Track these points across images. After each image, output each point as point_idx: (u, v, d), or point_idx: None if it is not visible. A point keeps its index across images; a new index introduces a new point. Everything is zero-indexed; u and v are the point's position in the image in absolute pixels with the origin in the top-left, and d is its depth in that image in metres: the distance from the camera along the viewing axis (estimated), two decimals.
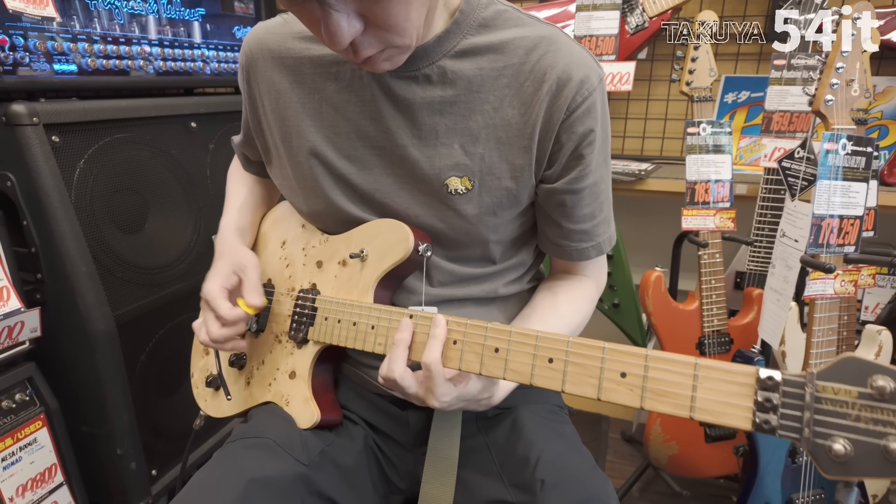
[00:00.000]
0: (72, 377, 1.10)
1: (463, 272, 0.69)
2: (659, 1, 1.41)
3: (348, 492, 0.66)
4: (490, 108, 0.62)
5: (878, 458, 0.37)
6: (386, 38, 0.52)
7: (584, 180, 0.64)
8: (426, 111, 0.62)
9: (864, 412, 0.38)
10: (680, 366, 0.45)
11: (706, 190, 1.19)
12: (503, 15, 0.63)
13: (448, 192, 0.63)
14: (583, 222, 0.67)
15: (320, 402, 0.66)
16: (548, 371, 0.50)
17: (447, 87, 0.62)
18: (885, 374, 0.37)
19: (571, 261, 0.71)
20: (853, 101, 0.89)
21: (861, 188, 0.90)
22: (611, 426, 1.72)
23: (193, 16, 1.37)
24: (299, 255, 0.73)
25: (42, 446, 1.03)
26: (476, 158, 0.63)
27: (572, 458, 0.67)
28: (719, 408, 0.43)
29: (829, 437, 0.39)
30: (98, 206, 1.09)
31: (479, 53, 0.61)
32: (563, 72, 0.60)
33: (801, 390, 0.40)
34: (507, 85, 0.61)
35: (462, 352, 0.55)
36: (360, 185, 0.66)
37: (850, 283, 0.93)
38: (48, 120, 1.00)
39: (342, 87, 0.64)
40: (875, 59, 1.40)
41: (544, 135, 0.62)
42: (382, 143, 0.64)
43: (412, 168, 0.64)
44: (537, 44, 0.61)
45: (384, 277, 0.64)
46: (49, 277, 1.04)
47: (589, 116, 0.61)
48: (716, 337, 1.24)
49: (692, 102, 1.20)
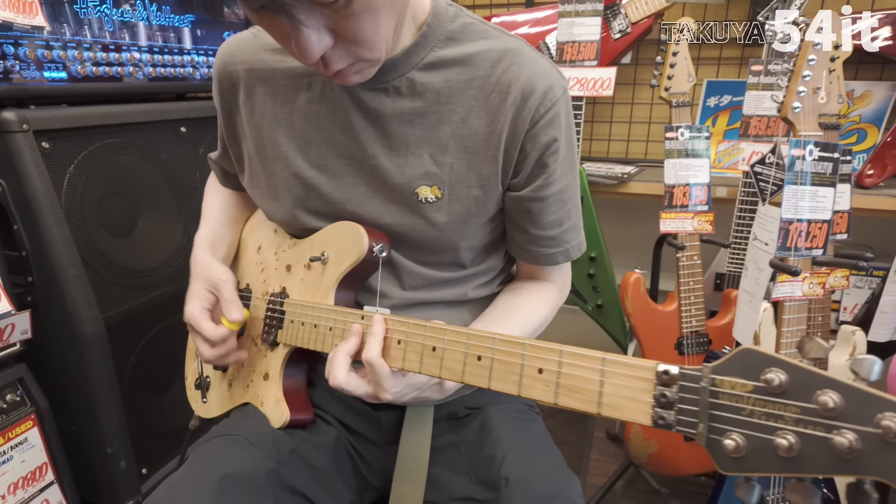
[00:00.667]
0: (62, 378, 1.12)
1: (433, 276, 0.71)
2: (641, 7, 1.43)
3: (320, 488, 0.68)
4: (458, 118, 0.64)
5: (769, 454, 0.36)
6: (356, 52, 0.53)
7: (549, 188, 0.66)
8: (396, 122, 0.64)
9: (758, 406, 0.37)
10: (590, 361, 0.45)
11: (684, 193, 1.22)
12: (470, 28, 0.65)
13: (418, 201, 0.66)
14: (550, 228, 0.69)
15: (291, 402, 0.68)
16: (476, 368, 0.51)
17: (416, 99, 0.64)
18: (777, 366, 0.36)
19: (539, 265, 0.73)
20: (820, 108, 0.91)
21: (829, 193, 0.92)
22: (596, 425, 1.75)
23: (183, 22, 1.40)
24: (272, 260, 0.76)
25: (33, 445, 1.06)
26: (445, 168, 0.65)
27: (538, 456, 0.70)
28: (623, 403, 0.43)
29: (723, 433, 0.38)
30: (88, 210, 1.12)
31: (447, 66, 0.64)
32: (526, 83, 0.62)
33: (697, 384, 0.39)
34: (473, 96, 0.64)
35: (405, 351, 0.56)
36: (331, 194, 0.68)
37: (819, 285, 0.95)
38: (38, 126, 1.02)
39: (313, 97, 0.66)
40: (853, 63, 1.43)
41: (510, 145, 0.64)
42: (354, 152, 0.66)
43: (383, 177, 0.66)
44: (502, 56, 0.63)
45: (344, 279, 0.66)
46: (39, 280, 1.07)
47: (552, 126, 0.63)
48: (694, 337, 1.26)
49: (670, 107, 1.22)
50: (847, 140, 1.47)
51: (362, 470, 0.75)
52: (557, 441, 1.80)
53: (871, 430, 0.33)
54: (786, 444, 0.35)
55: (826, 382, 0.35)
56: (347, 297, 0.68)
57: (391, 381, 0.57)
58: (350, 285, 0.68)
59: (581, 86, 1.37)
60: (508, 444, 0.69)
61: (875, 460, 0.33)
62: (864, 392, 0.34)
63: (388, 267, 0.71)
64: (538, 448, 0.72)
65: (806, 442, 0.35)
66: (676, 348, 1.27)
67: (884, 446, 0.33)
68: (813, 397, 0.35)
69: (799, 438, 0.35)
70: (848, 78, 1.44)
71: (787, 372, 0.36)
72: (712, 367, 0.39)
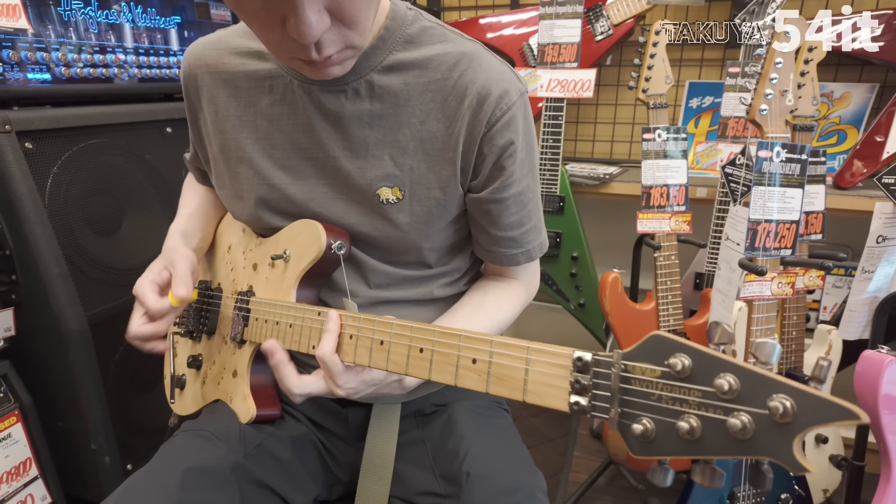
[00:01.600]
0: (47, 375, 1.14)
1: (398, 274, 0.72)
2: (623, 9, 1.45)
3: (287, 482, 0.70)
4: (417, 121, 0.65)
5: (674, 437, 0.37)
6: (347, 37, 0.54)
7: (507, 190, 0.67)
8: (356, 124, 0.66)
9: (665, 391, 0.38)
10: (516, 350, 0.46)
11: (661, 194, 1.23)
12: (428, 31, 0.66)
13: (380, 202, 0.67)
14: (510, 230, 0.70)
15: (258, 398, 0.70)
16: (419, 361, 0.53)
17: (375, 101, 0.65)
18: (682, 351, 0.37)
19: (502, 266, 0.75)
20: (788, 110, 0.93)
21: (797, 194, 0.94)
22: (580, 423, 1.76)
23: (169, 24, 1.41)
24: (240, 259, 0.77)
25: (17, 441, 1.08)
26: (405, 169, 0.66)
27: (502, 451, 0.71)
28: (544, 390, 0.44)
29: (634, 418, 0.39)
30: (72, 209, 1.13)
31: (405, 69, 0.65)
32: (482, 87, 0.63)
33: (609, 370, 0.40)
34: (431, 99, 0.65)
35: (356, 346, 0.58)
36: (295, 194, 0.69)
37: (788, 284, 0.97)
38: (21, 127, 1.04)
39: (275, 100, 0.68)
40: (832, 65, 1.44)
41: (467, 147, 0.65)
42: (316, 154, 0.68)
43: (345, 178, 0.67)
44: (459, 60, 0.65)
45: (304, 276, 0.68)
46: (23, 279, 1.08)
47: (509, 129, 0.65)
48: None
49: (648, 109, 1.23)
50: (827, 141, 1.48)
51: (330, 465, 0.77)
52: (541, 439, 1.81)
53: (762, 412, 0.34)
54: (687, 427, 0.36)
55: (726, 366, 0.36)
56: (310, 295, 0.70)
57: (344, 377, 0.59)
58: (311, 283, 0.70)
59: (561, 87, 1.38)
60: (472, 439, 0.71)
61: (766, 440, 0.34)
62: (760, 375, 0.35)
63: (354, 265, 0.72)
64: (502, 443, 0.73)
65: (707, 424, 0.36)
66: None
67: (773, 426, 0.34)
68: (713, 381, 0.36)
69: (700, 421, 0.36)
70: (827, 80, 1.45)
71: (691, 356, 0.37)
72: (623, 353, 0.40)
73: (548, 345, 0.45)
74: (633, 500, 1.42)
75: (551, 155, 1.43)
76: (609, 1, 1.46)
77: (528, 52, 1.55)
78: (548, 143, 1.42)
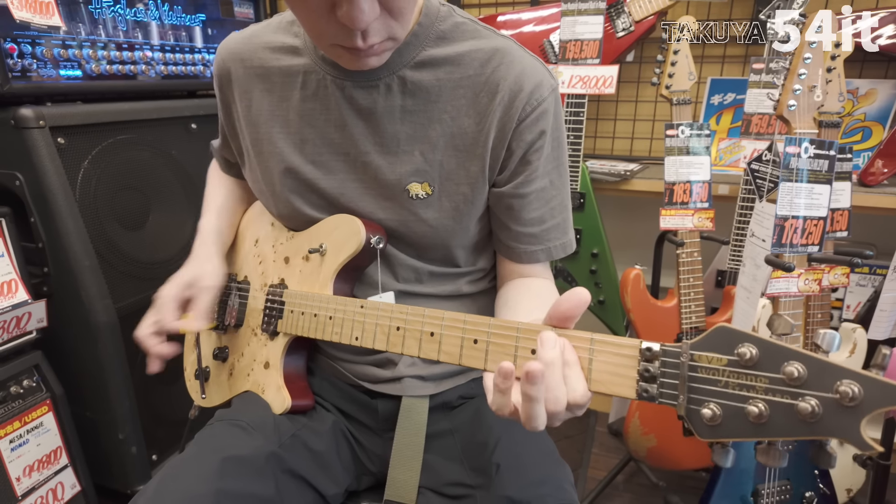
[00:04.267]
0: (76, 365, 1.17)
1: (426, 269, 0.73)
2: (645, 5, 1.44)
3: (319, 472, 0.71)
4: (448, 117, 0.66)
5: (742, 421, 0.39)
6: (391, 27, 0.56)
7: (530, 185, 0.68)
8: (388, 120, 0.67)
9: (732, 378, 0.40)
10: (579, 341, 0.47)
11: (685, 190, 1.23)
12: (461, 27, 0.67)
13: (409, 197, 0.68)
14: (531, 226, 0.70)
15: (292, 390, 0.71)
16: (473, 351, 0.54)
17: (407, 97, 0.66)
18: (749, 341, 0.39)
19: (521, 263, 0.73)
20: (816, 106, 0.92)
21: (824, 190, 0.93)
22: (598, 420, 1.76)
23: (195, 21, 1.43)
24: (270, 253, 0.78)
25: (48, 430, 1.10)
26: (435, 165, 0.67)
27: (530, 444, 0.72)
28: (610, 378, 0.46)
29: (702, 403, 0.41)
30: (101, 203, 1.16)
31: (438, 65, 0.66)
32: (514, 83, 0.64)
33: (678, 360, 0.42)
34: (463, 95, 0.66)
35: (404, 337, 0.59)
36: (326, 189, 0.70)
37: (815, 281, 0.96)
38: (54, 123, 1.06)
39: (308, 95, 0.69)
40: (858, 61, 1.42)
41: (497, 143, 0.66)
42: (347, 149, 0.69)
43: (375, 173, 0.68)
44: (492, 56, 0.65)
45: (342, 270, 0.69)
46: (55, 271, 1.11)
47: (538, 124, 0.65)
48: (694, 334, 1.27)
49: (671, 105, 1.23)
50: (852, 138, 1.47)
51: (360, 456, 0.77)
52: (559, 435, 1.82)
53: (830, 396, 0.37)
54: (756, 411, 0.38)
55: (792, 355, 0.38)
56: (345, 288, 0.71)
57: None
58: (348, 276, 0.71)
59: (583, 83, 1.38)
60: (500, 431, 0.71)
61: (834, 422, 0.37)
62: (825, 363, 0.37)
63: (384, 259, 0.73)
64: (530, 436, 0.74)
65: (774, 408, 0.38)
66: None
67: (841, 409, 0.36)
68: (780, 368, 0.38)
69: (768, 405, 0.39)
70: (853, 76, 1.44)
71: (758, 346, 0.39)
72: (691, 344, 0.42)
73: (612, 336, 0.47)
74: (653, 497, 1.42)
75: (572, 151, 1.43)
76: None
77: (549, 48, 1.55)
78: (568, 139, 1.42)
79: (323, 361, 0.79)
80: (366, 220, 0.69)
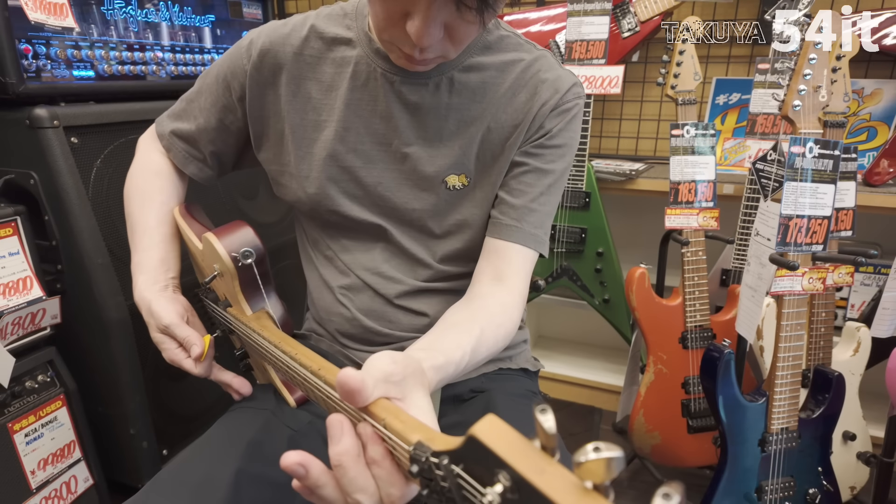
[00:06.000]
0: (88, 361, 1.18)
1: (446, 271, 0.77)
2: (650, 6, 1.45)
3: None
4: (489, 115, 0.71)
5: None
6: (447, 49, 0.61)
7: (532, 160, 0.72)
8: (433, 115, 0.71)
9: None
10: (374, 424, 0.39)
11: (690, 190, 1.24)
12: (505, 40, 0.73)
13: (447, 188, 0.73)
14: (515, 196, 0.72)
15: (290, 386, 0.73)
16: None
17: (454, 96, 0.71)
18: (504, 469, 0.28)
19: (493, 236, 0.73)
20: (821, 107, 0.93)
21: (829, 190, 0.94)
22: (603, 418, 1.77)
23: (204, 22, 1.45)
24: (202, 267, 0.76)
25: (62, 424, 1.12)
26: (472, 158, 0.72)
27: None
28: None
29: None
30: (113, 202, 1.17)
31: (483, 69, 0.71)
32: (551, 84, 0.71)
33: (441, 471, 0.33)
34: (504, 95, 0.71)
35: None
36: (365, 178, 0.73)
37: (819, 280, 0.97)
38: (68, 122, 1.08)
39: (357, 86, 0.71)
40: (863, 62, 1.43)
41: (528, 129, 0.71)
42: (390, 139, 0.72)
43: (415, 164, 0.72)
44: (531, 64, 0.72)
45: (243, 289, 0.66)
46: (68, 268, 1.13)
47: (563, 118, 0.71)
48: (698, 332, 1.29)
49: (676, 105, 1.24)
50: (857, 138, 1.48)
51: None
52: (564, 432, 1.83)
53: None
54: None
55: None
56: (262, 301, 0.68)
57: None
58: (253, 291, 0.67)
59: (589, 83, 1.39)
60: (510, 424, 0.73)
61: None
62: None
63: (403, 256, 0.77)
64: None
65: None
66: (680, 342, 1.30)
67: None
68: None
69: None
70: (858, 76, 1.44)
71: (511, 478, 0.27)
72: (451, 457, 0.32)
73: (401, 418, 0.39)
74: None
75: (577, 152, 1.44)
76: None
77: (555, 48, 1.56)
78: None
79: (334, 350, 0.81)
80: (232, 230, 0.65)
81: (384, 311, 0.78)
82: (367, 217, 0.75)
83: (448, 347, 0.56)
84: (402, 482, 0.40)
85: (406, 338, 0.78)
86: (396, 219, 0.76)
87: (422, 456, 0.34)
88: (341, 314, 0.79)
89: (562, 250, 1.54)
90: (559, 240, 1.52)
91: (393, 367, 0.43)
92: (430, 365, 0.50)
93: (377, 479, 0.40)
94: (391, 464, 0.40)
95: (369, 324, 0.78)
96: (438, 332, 0.61)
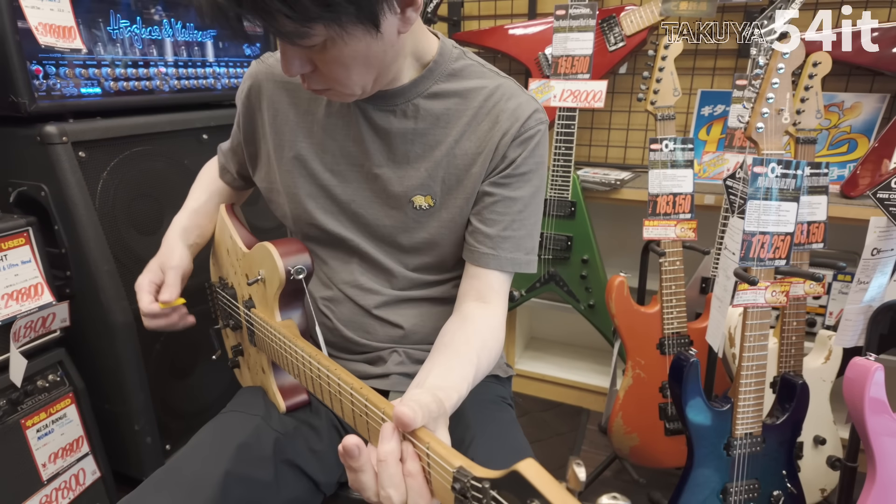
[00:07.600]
0: (96, 361, 1.26)
1: (419, 280, 0.83)
2: (636, 21, 1.49)
3: (315, 462, 0.79)
4: (452, 140, 0.76)
5: None
6: (330, 83, 0.66)
7: (502, 190, 0.76)
8: (400, 140, 0.76)
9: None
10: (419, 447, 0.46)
11: (667, 202, 1.28)
12: (469, 68, 0.78)
13: (413, 208, 0.78)
14: (489, 226, 0.77)
15: (286, 392, 0.79)
16: (337, 403, 0.59)
17: (419, 121, 0.76)
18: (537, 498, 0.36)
19: (473, 263, 0.78)
20: (783, 129, 0.97)
21: (791, 207, 0.98)
22: (590, 418, 1.83)
23: (206, 37, 1.51)
24: (235, 265, 0.86)
25: (71, 420, 1.20)
26: (438, 181, 0.77)
27: (503, 442, 0.79)
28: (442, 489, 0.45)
29: None
30: (119, 211, 1.24)
31: (447, 97, 0.76)
32: (512, 113, 0.75)
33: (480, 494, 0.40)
34: (467, 123, 0.76)
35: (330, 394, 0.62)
36: (340, 195, 0.80)
37: (782, 293, 1.02)
38: (76, 138, 1.15)
39: (332, 112, 0.79)
40: (844, 75, 1.46)
41: (492, 159, 0.76)
42: (361, 161, 0.78)
43: (384, 185, 0.78)
44: (494, 92, 0.76)
45: (280, 298, 0.75)
46: (76, 274, 1.20)
47: (526, 145, 0.75)
48: (675, 338, 1.33)
49: (656, 120, 1.28)
50: (838, 149, 1.51)
51: None
52: (551, 432, 1.89)
53: None
54: None
55: None
56: (293, 312, 0.77)
57: None
58: (289, 303, 0.76)
59: (574, 97, 1.44)
60: (477, 429, 0.79)
61: None
62: None
63: (378, 269, 0.83)
64: (505, 435, 0.81)
65: None
66: (658, 348, 1.35)
67: None
68: None
69: None
70: (839, 89, 1.48)
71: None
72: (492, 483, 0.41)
73: (443, 446, 0.46)
74: (636, 493, 1.49)
75: (563, 161, 1.49)
76: (623, 13, 1.51)
77: (544, 61, 1.61)
78: (560, 149, 1.48)
79: None
80: (290, 246, 0.75)
81: (363, 321, 0.84)
82: (343, 232, 0.82)
83: (458, 384, 0.63)
84: (429, 497, 0.48)
85: (381, 348, 0.85)
86: (370, 234, 0.82)
87: (464, 477, 0.43)
88: (323, 324, 0.86)
89: (549, 257, 1.59)
90: (546, 247, 1.58)
91: (434, 405, 0.51)
92: (450, 405, 0.59)
93: (408, 488, 0.48)
94: (423, 479, 0.48)
95: (348, 334, 0.84)
96: (445, 364, 0.66)
